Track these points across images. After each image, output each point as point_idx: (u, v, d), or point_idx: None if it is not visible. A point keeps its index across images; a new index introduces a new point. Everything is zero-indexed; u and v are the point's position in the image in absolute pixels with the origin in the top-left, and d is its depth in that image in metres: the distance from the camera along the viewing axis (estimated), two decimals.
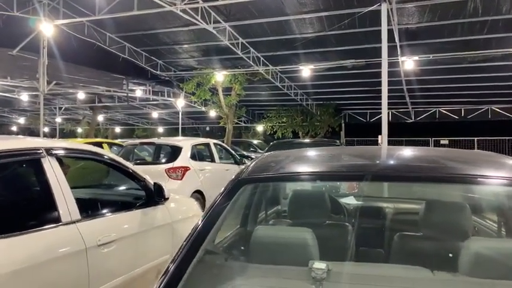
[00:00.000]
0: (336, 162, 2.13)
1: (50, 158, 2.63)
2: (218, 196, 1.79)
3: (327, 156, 2.40)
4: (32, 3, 10.65)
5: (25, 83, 15.43)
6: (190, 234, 1.60)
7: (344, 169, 1.96)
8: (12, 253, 2.19)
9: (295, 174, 1.90)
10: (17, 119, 27.38)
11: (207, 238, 1.57)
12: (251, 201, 2.37)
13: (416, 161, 2.18)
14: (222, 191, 1.82)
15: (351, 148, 3.06)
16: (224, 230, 1.99)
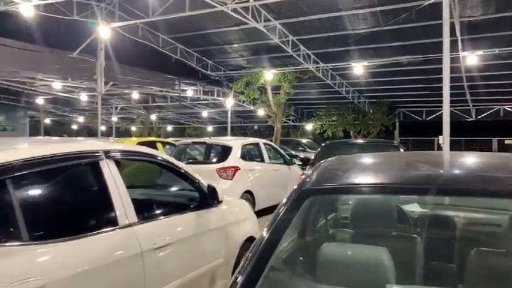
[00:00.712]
0: (412, 172, 1.92)
1: (108, 161, 2.63)
2: (281, 208, 1.66)
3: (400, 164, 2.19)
4: (90, 7, 11.11)
5: (84, 84, 16.22)
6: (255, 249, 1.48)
7: (423, 181, 1.75)
8: (73, 257, 2.19)
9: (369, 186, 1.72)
10: (77, 118, 28.92)
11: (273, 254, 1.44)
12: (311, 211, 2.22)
13: (505, 171, 1.92)
14: (285, 202, 1.68)
15: (422, 154, 2.78)
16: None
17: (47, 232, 2.18)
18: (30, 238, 2.03)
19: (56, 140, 2.96)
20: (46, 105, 22.93)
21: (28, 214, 2.06)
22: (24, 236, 2.01)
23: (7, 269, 1.88)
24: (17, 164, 2.10)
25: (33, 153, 2.24)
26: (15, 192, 2.06)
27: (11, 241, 1.97)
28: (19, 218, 2.02)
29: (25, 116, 23.64)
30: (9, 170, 2.05)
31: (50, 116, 27.58)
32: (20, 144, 2.51)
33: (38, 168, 2.22)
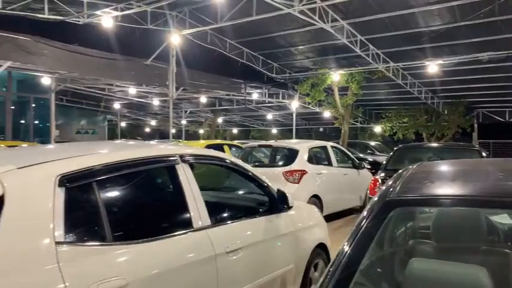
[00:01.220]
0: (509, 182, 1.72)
1: (184, 165, 2.69)
2: (363, 220, 1.56)
3: (492, 172, 1.98)
4: (163, 16, 11.66)
5: (156, 89, 17.09)
6: (337, 264, 1.40)
7: None
8: (152, 257, 2.26)
9: (463, 198, 1.56)
10: (149, 122, 30.55)
11: (358, 271, 1.36)
12: (391, 222, 2.08)
13: None
14: (367, 214, 1.58)
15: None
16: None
17: (128, 233, 2.27)
18: (113, 238, 2.13)
19: (136, 145, 3.10)
20: (122, 109, 24.50)
21: (111, 215, 2.16)
22: (108, 237, 2.12)
23: (93, 267, 1.98)
24: (101, 168, 2.21)
25: (115, 157, 2.35)
26: (100, 194, 2.17)
27: (96, 241, 2.08)
28: (103, 219, 2.12)
29: (104, 120, 25.45)
30: (94, 173, 2.17)
31: (126, 119, 29.42)
32: (103, 149, 2.66)
33: (120, 172, 2.33)
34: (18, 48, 9.31)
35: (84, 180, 2.11)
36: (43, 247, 1.85)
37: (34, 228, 1.87)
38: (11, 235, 1.77)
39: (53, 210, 1.92)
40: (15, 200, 1.83)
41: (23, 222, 1.84)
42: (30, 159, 2.13)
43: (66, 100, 20.07)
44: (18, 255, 1.78)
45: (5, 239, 1.74)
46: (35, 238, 1.86)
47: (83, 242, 2.02)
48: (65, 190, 2.00)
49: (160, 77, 13.03)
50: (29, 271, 1.78)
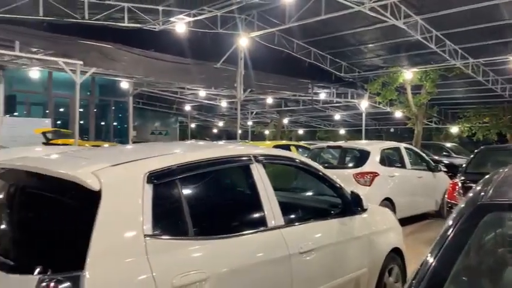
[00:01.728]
0: None
1: (257, 164, 2.75)
2: (451, 226, 1.47)
3: None
4: (232, 20, 11.96)
5: (224, 91, 17.56)
6: (422, 275, 1.32)
7: None
8: (230, 253, 2.34)
9: None
10: (217, 123, 31.45)
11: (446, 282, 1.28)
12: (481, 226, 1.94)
13: None
14: (455, 220, 1.48)
15: None
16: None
17: (207, 229, 2.37)
18: (194, 233, 2.24)
19: (214, 145, 3.22)
20: (192, 111, 25.49)
21: (192, 211, 2.27)
22: (189, 231, 2.22)
23: (177, 260, 2.09)
24: (184, 166, 2.34)
25: (196, 156, 2.47)
26: (182, 191, 2.29)
27: (179, 235, 2.19)
28: (185, 214, 2.24)
29: (176, 122, 26.65)
30: (178, 171, 2.29)
31: (195, 121, 30.57)
32: (185, 149, 2.80)
33: (200, 171, 2.44)
34: (102, 55, 10.10)
35: (169, 178, 2.24)
36: (134, 239, 1.99)
37: (126, 221, 2.02)
38: (107, 226, 1.93)
39: (142, 204, 2.06)
40: (110, 195, 1.99)
41: (117, 215, 1.99)
42: (121, 157, 2.31)
43: (142, 103, 21.33)
44: (113, 244, 1.93)
45: (102, 229, 1.90)
46: (127, 230, 2.01)
47: (168, 235, 2.13)
48: (152, 186, 2.14)
49: (228, 79, 13.36)
50: (122, 260, 1.93)
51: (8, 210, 2.37)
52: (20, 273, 1.86)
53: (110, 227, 1.94)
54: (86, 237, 1.85)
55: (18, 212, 2.30)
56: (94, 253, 1.83)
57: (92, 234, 1.85)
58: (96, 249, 1.85)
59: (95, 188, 1.95)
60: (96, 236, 1.86)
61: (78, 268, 1.78)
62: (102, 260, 1.85)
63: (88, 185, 1.94)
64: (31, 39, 9.36)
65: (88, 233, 1.86)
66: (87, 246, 1.83)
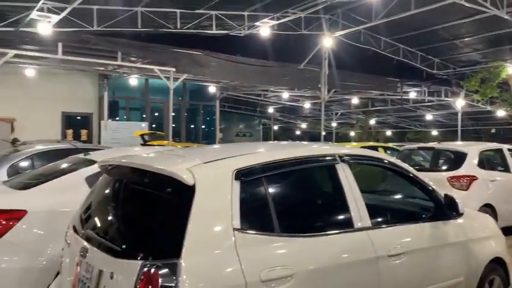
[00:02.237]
0: None
1: (343, 164, 2.72)
2: None
3: None
4: (316, 21, 11.90)
5: (308, 92, 17.51)
6: None
7: None
8: (316, 252, 2.35)
9: None
10: (300, 124, 31.45)
11: None
12: None
13: None
14: None
15: None
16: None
17: (293, 226, 2.41)
18: (280, 230, 2.29)
19: (299, 145, 3.27)
20: (275, 113, 25.82)
21: (277, 208, 2.33)
22: (276, 228, 2.28)
23: (264, 254, 2.16)
24: (270, 164, 2.42)
25: (282, 155, 2.54)
26: (268, 188, 2.36)
27: (266, 230, 2.26)
28: (271, 211, 2.30)
29: (259, 124, 27.21)
30: (264, 169, 2.37)
31: (278, 123, 30.91)
32: (271, 148, 2.88)
33: (286, 169, 2.50)
34: (192, 62, 10.74)
35: (255, 175, 2.33)
36: (224, 231, 2.10)
37: (217, 214, 2.14)
38: (200, 218, 2.06)
39: (231, 200, 2.17)
40: (203, 189, 2.13)
41: (208, 208, 2.12)
42: (212, 156, 2.46)
43: (227, 106, 22.17)
44: (205, 236, 2.06)
45: (196, 221, 2.04)
46: (218, 223, 2.13)
47: (255, 230, 2.21)
48: (239, 183, 2.24)
49: (312, 80, 13.30)
50: (213, 251, 2.05)
51: (115, 202, 2.65)
52: (125, 258, 2.07)
53: (202, 220, 2.07)
54: (181, 228, 2.00)
55: (123, 204, 2.56)
56: (189, 243, 1.97)
57: (187, 226, 2.00)
58: (190, 239, 1.98)
59: (189, 182, 2.10)
60: (190, 227, 2.00)
61: (175, 256, 1.94)
62: (196, 250, 1.99)
63: (184, 180, 2.10)
64: (130, 49, 10.29)
65: (183, 224, 2.01)
66: (183, 236, 1.98)
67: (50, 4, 7.42)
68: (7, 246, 3.43)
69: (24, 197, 3.78)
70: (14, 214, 3.49)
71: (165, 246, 2.03)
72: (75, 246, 2.57)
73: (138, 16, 9.26)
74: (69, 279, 2.53)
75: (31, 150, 6.07)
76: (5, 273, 3.44)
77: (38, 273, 3.46)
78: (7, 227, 3.45)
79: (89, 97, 15.42)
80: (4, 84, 12.53)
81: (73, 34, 8.85)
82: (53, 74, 13.87)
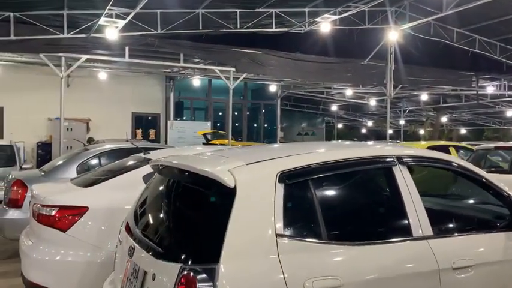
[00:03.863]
0: None
1: (401, 167, 2.49)
2: None
3: None
4: (380, 14, 11.34)
5: (373, 89, 16.80)
6: None
7: None
8: (366, 262, 2.16)
9: None
10: (365, 122, 30.38)
11: None
12: None
13: None
14: None
15: None
16: None
17: (343, 234, 2.24)
18: (328, 237, 2.13)
19: (351, 145, 3.07)
20: (339, 111, 25.18)
21: (325, 214, 2.17)
22: (323, 235, 2.13)
23: (309, 263, 2.02)
24: (317, 166, 2.27)
25: (330, 157, 2.37)
26: (315, 192, 2.21)
27: (311, 237, 2.11)
28: (318, 217, 2.15)
29: (322, 122, 26.72)
30: (311, 171, 2.23)
31: (342, 121, 30.13)
32: (320, 148, 2.71)
33: (335, 172, 2.33)
34: (251, 61, 10.76)
35: (301, 178, 2.19)
36: (266, 237, 1.99)
37: (258, 219, 2.04)
38: (241, 222, 1.98)
39: (274, 204, 2.06)
40: (244, 192, 2.04)
41: (250, 212, 2.03)
42: (256, 156, 2.36)
43: (289, 105, 22.03)
44: (246, 241, 1.97)
45: (236, 225, 1.95)
46: (259, 228, 2.02)
47: (300, 237, 2.08)
48: (284, 186, 2.12)
49: (377, 76, 12.72)
50: (254, 257, 1.95)
51: (162, 202, 2.66)
52: (166, 260, 2.05)
53: (243, 224, 1.98)
54: (221, 232, 1.93)
55: (169, 205, 2.56)
56: (228, 248, 1.90)
57: (226, 230, 1.93)
58: (230, 244, 1.91)
59: (230, 185, 2.02)
60: (230, 231, 1.93)
61: (214, 261, 1.87)
62: (235, 255, 1.90)
63: (224, 182, 2.03)
64: (192, 51, 10.54)
65: (223, 228, 1.93)
66: (222, 241, 1.90)
67: (116, 10, 7.82)
68: (71, 240, 3.62)
69: (87, 194, 3.98)
70: (77, 210, 3.68)
71: (204, 249, 1.97)
72: (125, 244, 2.62)
73: (199, 18, 9.44)
74: (121, 277, 2.58)
75: (97, 150, 6.44)
76: (70, 267, 3.64)
77: (97, 267, 3.61)
78: (71, 222, 3.65)
79: (156, 98, 16.14)
80: (80, 87, 13.52)
81: (138, 38, 9.25)
82: (123, 76, 14.70)
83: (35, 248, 3.74)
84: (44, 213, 3.69)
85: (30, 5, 8.00)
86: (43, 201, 3.76)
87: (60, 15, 8.42)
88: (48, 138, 13.72)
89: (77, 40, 8.83)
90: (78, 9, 8.37)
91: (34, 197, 3.99)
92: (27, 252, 3.78)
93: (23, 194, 5.48)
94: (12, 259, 5.55)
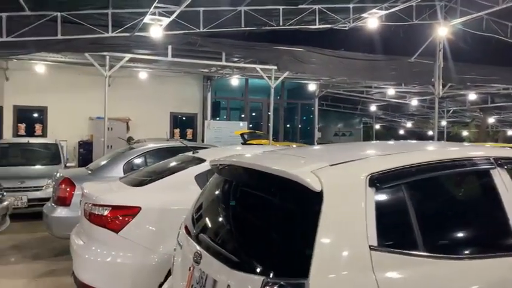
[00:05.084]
0: None
1: (500, 170, 2.17)
2: None
3: None
4: (429, 9, 10.79)
5: (416, 88, 16.12)
6: None
7: None
8: (471, 280, 1.86)
9: None
10: (405, 123, 29.35)
11: None
12: None
13: None
14: None
15: None
16: None
17: (442, 246, 1.94)
18: (427, 250, 1.84)
19: (441, 144, 2.74)
20: (377, 111, 24.45)
21: (423, 223, 1.89)
22: (421, 247, 1.85)
23: (409, 280, 1.74)
24: (414, 168, 1.99)
25: (427, 157, 2.09)
26: (412, 198, 1.93)
27: (409, 250, 1.83)
28: (416, 226, 1.87)
29: (359, 123, 26.03)
30: (407, 174, 1.95)
31: (380, 121, 29.24)
32: (413, 148, 2.42)
33: (432, 174, 2.05)
34: (293, 59, 10.48)
35: (395, 181, 1.91)
36: (358, 250, 1.73)
37: (349, 229, 1.77)
38: (330, 232, 1.72)
39: (365, 211, 1.80)
40: (332, 197, 1.78)
41: (339, 221, 1.77)
42: (338, 156, 2.10)
43: (326, 105, 21.55)
44: (336, 254, 1.72)
45: (325, 235, 1.70)
46: (350, 239, 1.76)
47: (395, 249, 1.80)
48: (375, 190, 1.85)
49: (422, 74, 12.14)
50: (346, 273, 1.69)
51: (229, 205, 2.44)
52: (243, 271, 1.82)
53: (332, 234, 1.73)
54: (309, 242, 1.68)
55: (239, 208, 2.34)
56: (318, 261, 1.65)
57: (314, 241, 1.68)
58: (319, 257, 1.66)
59: (316, 189, 1.77)
60: (319, 242, 1.68)
61: (302, 276, 1.63)
62: (326, 270, 1.66)
63: (309, 185, 1.78)
64: (234, 49, 10.38)
65: (311, 238, 1.69)
66: (311, 253, 1.66)
67: (161, 9, 7.76)
68: (123, 242, 3.50)
69: (138, 193, 3.85)
70: (129, 210, 3.55)
71: (290, 262, 1.73)
72: (188, 248, 2.42)
73: (242, 15, 9.27)
74: (182, 284, 2.39)
75: (144, 148, 6.36)
76: (122, 269, 3.51)
77: (150, 270, 3.46)
78: (123, 222, 3.53)
79: (194, 98, 16.16)
80: (121, 87, 13.68)
81: (181, 37, 9.18)
82: (163, 76, 14.78)
83: (87, 249, 3.65)
84: (96, 213, 3.59)
85: (76, 4, 8.07)
86: (95, 200, 3.66)
87: (105, 14, 8.46)
88: (89, 137, 13.97)
89: (120, 39, 8.85)
90: (123, 8, 8.37)
91: (85, 196, 3.90)
92: (80, 252, 3.69)
93: (71, 192, 5.46)
94: (60, 257, 5.56)
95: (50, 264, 5.43)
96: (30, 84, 13.39)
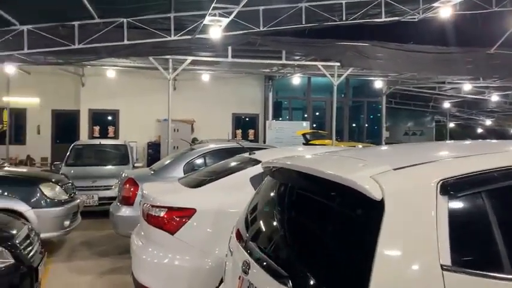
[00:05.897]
0: None
1: None
2: None
3: None
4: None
5: (496, 82, 14.72)
6: None
7: None
8: None
9: None
10: (483, 121, 27.06)
11: None
12: None
13: None
14: None
15: None
16: None
17: None
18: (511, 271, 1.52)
19: None
20: (451, 108, 22.79)
21: (506, 239, 1.56)
22: (506, 267, 1.52)
23: None
24: (496, 173, 1.66)
25: (504, 161, 1.73)
26: (492, 209, 1.60)
27: (491, 271, 1.52)
28: (499, 242, 1.54)
29: (431, 121, 24.44)
30: (488, 181, 1.63)
31: (454, 119, 27.25)
32: (491, 150, 2.06)
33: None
34: (357, 54, 9.99)
35: (474, 188, 1.60)
36: (428, 270, 1.45)
37: (416, 245, 1.50)
38: (392, 248, 1.47)
39: (435, 224, 1.51)
40: (395, 207, 1.52)
41: (404, 235, 1.50)
42: (403, 159, 1.83)
43: (394, 102, 20.49)
44: (400, 274, 1.46)
45: (387, 251, 1.45)
46: (416, 257, 1.48)
47: (474, 270, 1.50)
48: (448, 199, 1.56)
49: (503, 67, 11.02)
50: None
51: (280, 211, 2.25)
52: (293, 286, 1.63)
53: (395, 250, 1.47)
54: (365, 258, 1.45)
55: (289, 215, 2.14)
56: (378, 281, 1.41)
57: (374, 257, 1.44)
58: (379, 276, 1.42)
59: (376, 196, 1.53)
60: (379, 259, 1.43)
61: None
62: None
63: (367, 192, 1.54)
64: (294, 47, 10.15)
65: (368, 254, 1.45)
66: (369, 271, 1.42)
67: (220, 10, 7.77)
68: (178, 244, 3.46)
69: (194, 195, 3.81)
70: (185, 212, 3.51)
71: (344, 279, 1.51)
72: (238, 256, 2.28)
73: (302, 12, 9.02)
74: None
75: (203, 149, 6.40)
76: (178, 271, 3.48)
77: (205, 274, 3.39)
78: (179, 224, 3.49)
79: (255, 99, 16.18)
80: (185, 89, 14.08)
81: (240, 37, 9.16)
82: (224, 78, 14.97)
83: (144, 250, 3.67)
84: (153, 214, 3.59)
85: (140, 10, 8.36)
86: (152, 201, 3.67)
87: (167, 18, 8.68)
88: (157, 139, 14.54)
89: (182, 42, 9.03)
90: (184, 12, 8.53)
91: (144, 196, 3.94)
92: (138, 253, 3.73)
93: (135, 192, 5.61)
94: (124, 255, 5.71)
95: (115, 261, 5.62)
96: (103, 89, 14.27)
